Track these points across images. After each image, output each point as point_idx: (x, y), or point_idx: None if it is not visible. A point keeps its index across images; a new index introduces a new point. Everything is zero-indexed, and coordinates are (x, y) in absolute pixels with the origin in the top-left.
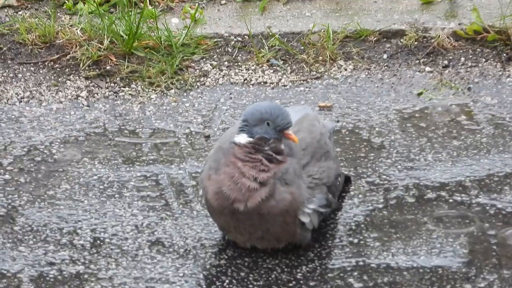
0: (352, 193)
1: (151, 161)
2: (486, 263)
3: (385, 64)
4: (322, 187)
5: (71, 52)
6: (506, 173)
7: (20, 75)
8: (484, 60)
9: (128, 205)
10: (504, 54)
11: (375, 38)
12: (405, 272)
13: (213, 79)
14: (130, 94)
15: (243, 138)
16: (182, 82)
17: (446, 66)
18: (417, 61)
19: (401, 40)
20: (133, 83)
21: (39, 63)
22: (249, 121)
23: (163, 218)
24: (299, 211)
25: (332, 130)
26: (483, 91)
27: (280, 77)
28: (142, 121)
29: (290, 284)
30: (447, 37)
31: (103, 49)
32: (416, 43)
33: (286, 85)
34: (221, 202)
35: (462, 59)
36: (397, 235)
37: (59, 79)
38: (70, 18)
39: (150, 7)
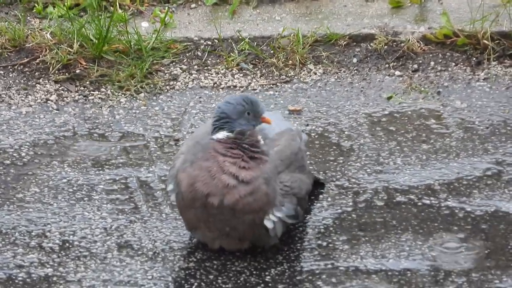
0: (321, 196)
1: (120, 165)
2: (454, 266)
3: (354, 68)
4: (292, 198)
5: (40, 55)
6: (475, 177)
7: None
8: (453, 64)
9: (97, 208)
10: (474, 58)
11: (345, 42)
12: (373, 275)
13: (183, 83)
14: (99, 98)
15: (222, 135)
16: (151, 86)
17: (415, 70)
18: (387, 65)
19: (371, 44)
20: (103, 86)
21: (9, 67)
22: (231, 116)
23: (132, 221)
24: (268, 214)
25: (304, 142)
26: (453, 95)
27: (249, 81)
28: (111, 124)
29: (259, 287)
30: (417, 41)
31: (73, 53)
32: (386, 47)
33: (255, 89)
34: (195, 195)
35: (432, 63)
36: (366, 238)
37: (29, 83)
38: (40, 22)
39: (120, 11)
